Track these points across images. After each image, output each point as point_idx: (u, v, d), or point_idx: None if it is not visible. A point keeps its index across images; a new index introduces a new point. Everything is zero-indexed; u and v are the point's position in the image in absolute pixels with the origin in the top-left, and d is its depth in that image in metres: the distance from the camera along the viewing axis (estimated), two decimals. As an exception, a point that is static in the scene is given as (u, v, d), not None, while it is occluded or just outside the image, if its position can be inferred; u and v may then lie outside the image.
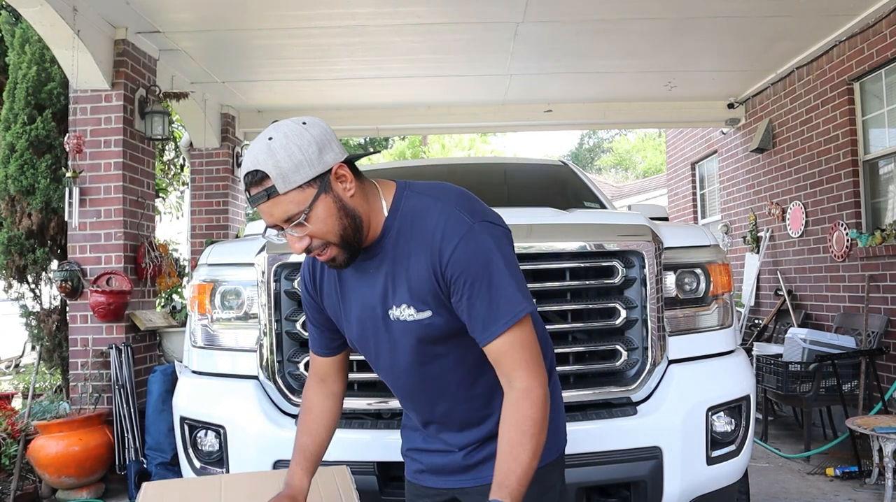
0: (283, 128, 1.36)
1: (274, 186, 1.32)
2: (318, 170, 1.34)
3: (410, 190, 1.48)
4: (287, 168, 1.32)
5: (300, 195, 1.34)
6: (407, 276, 1.43)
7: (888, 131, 5.19)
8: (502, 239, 1.42)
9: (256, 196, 1.35)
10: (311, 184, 1.34)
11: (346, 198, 1.39)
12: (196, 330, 2.48)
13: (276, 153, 1.32)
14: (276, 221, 1.37)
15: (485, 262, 1.37)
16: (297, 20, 4.81)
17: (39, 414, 4.37)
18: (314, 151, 1.34)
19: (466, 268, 1.36)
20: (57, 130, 4.81)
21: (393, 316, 1.46)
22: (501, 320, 1.37)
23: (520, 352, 1.38)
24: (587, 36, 5.25)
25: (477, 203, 1.46)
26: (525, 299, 1.39)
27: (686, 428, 2.22)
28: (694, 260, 2.44)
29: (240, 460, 2.26)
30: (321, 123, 1.39)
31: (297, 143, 1.33)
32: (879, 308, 4.98)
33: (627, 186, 21.15)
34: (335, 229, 1.38)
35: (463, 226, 1.38)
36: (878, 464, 3.88)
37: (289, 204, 1.34)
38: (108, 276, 4.59)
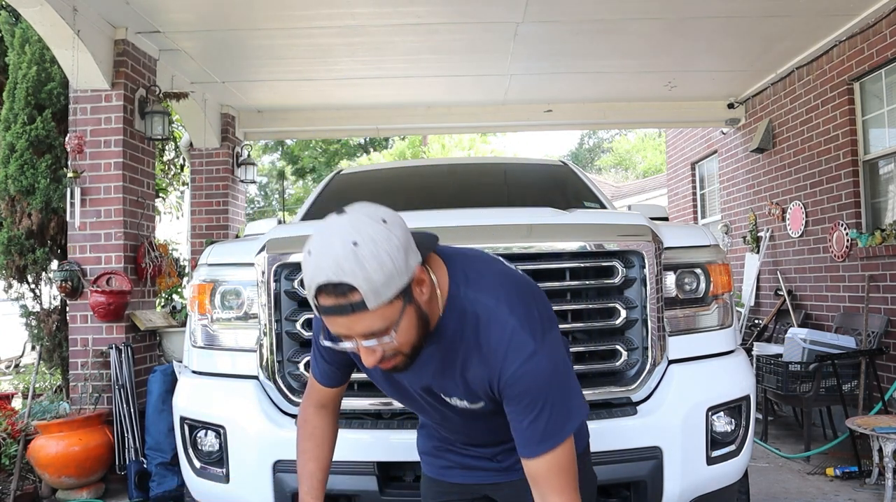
0: (366, 229, 1.20)
1: (363, 301, 1.18)
2: (406, 281, 1.22)
3: (466, 283, 1.38)
4: (379, 282, 1.18)
5: (388, 310, 1.21)
6: (463, 377, 1.40)
7: (888, 131, 5.19)
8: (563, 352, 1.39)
9: (336, 308, 1.20)
10: (398, 297, 1.22)
11: (423, 304, 1.29)
12: (196, 330, 2.48)
13: (366, 263, 1.17)
14: (354, 335, 1.24)
15: (541, 388, 1.34)
16: (297, 20, 4.82)
17: (39, 414, 4.37)
18: (402, 258, 1.21)
19: (523, 391, 1.34)
20: (57, 130, 4.81)
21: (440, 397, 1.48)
22: (544, 444, 1.35)
23: (556, 476, 1.36)
24: (587, 36, 5.25)
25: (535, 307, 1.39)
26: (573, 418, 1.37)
27: (686, 428, 2.22)
28: (694, 260, 2.44)
29: (240, 460, 2.26)
30: (399, 219, 1.27)
31: (386, 251, 1.19)
32: (879, 308, 4.98)
33: (627, 186, 21.15)
34: (412, 340, 1.30)
35: (526, 350, 1.33)
36: (878, 464, 3.88)
37: (375, 320, 1.21)
38: (108, 276, 4.59)
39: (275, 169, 26.92)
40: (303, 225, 2.70)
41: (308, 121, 7.36)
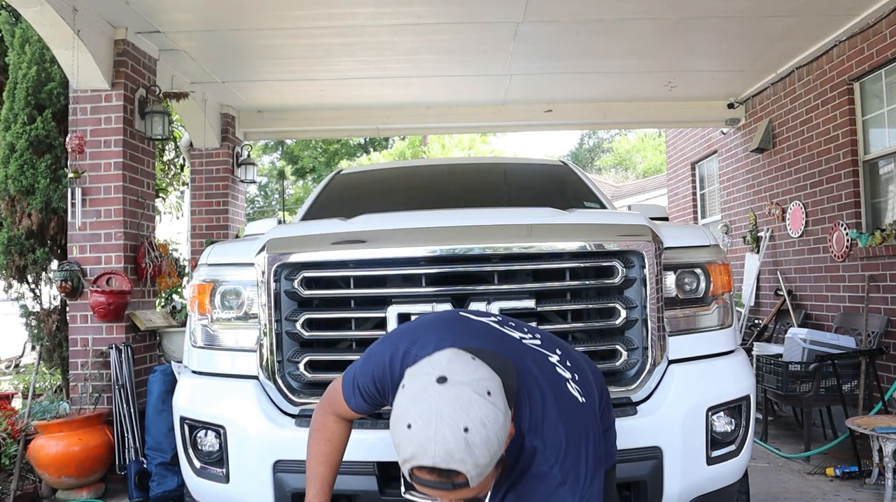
0: (476, 411, 1.19)
1: (467, 482, 1.21)
2: (503, 450, 1.25)
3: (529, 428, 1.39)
4: (485, 464, 1.20)
5: (486, 480, 1.25)
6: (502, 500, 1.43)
7: (888, 131, 5.19)
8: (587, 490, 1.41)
9: (436, 484, 1.21)
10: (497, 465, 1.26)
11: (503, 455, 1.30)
12: (196, 330, 2.48)
13: (477, 450, 1.18)
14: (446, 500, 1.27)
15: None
16: (297, 20, 4.82)
17: (39, 414, 4.37)
18: (505, 433, 1.23)
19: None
20: (57, 130, 4.81)
21: None
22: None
23: None
24: (587, 36, 5.25)
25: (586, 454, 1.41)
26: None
27: (686, 428, 2.22)
28: (694, 260, 2.44)
29: (240, 460, 2.26)
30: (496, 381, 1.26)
31: (496, 433, 1.20)
32: (879, 308, 4.98)
33: (627, 186, 21.15)
34: (487, 490, 1.32)
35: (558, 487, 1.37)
36: (878, 464, 3.88)
37: (473, 491, 1.25)
38: (108, 276, 4.59)
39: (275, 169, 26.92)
40: (303, 225, 2.70)
41: (308, 121, 7.36)
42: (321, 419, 1.71)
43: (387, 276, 2.25)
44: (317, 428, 1.70)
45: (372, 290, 2.25)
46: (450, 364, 1.27)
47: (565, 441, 1.40)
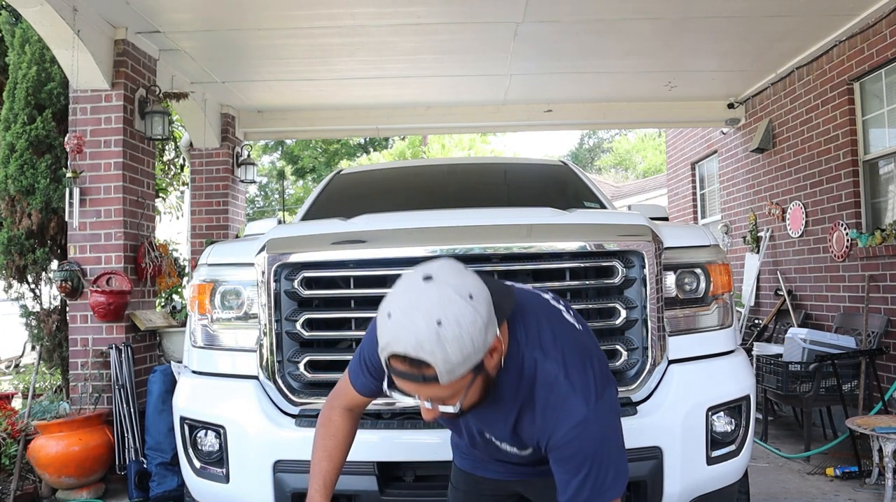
0: (453, 310, 1.21)
1: (436, 377, 1.22)
2: (481, 356, 1.26)
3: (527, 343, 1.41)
4: (456, 362, 1.21)
5: (459, 383, 1.26)
6: (514, 429, 1.44)
7: (888, 131, 5.19)
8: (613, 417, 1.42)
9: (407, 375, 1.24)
10: (472, 371, 1.27)
11: (492, 369, 1.33)
12: (196, 330, 2.48)
13: (447, 344, 1.20)
14: (420, 398, 1.30)
15: (588, 453, 1.37)
16: (297, 20, 4.82)
17: (39, 414, 4.37)
18: (482, 338, 1.24)
19: (571, 454, 1.37)
20: (57, 130, 4.81)
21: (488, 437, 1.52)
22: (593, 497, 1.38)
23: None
24: (587, 36, 5.25)
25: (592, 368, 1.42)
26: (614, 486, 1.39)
27: (686, 428, 2.22)
28: (694, 260, 2.44)
29: (239, 460, 2.26)
30: (484, 289, 1.28)
31: (469, 333, 1.21)
32: (879, 308, 4.98)
33: (627, 186, 21.15)
34: (472, 402, 1.35)
35: (577, 416, 1.36)
36: (878, 464, 3.88)
37: (444, 391, 1.26)
38: (108, 276, 4.59)
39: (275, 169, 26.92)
40: (303, 225, 2.70)
41: (308, 121, 7.36)
42: (327, 413, 1.70)
43: (387, 276, 2.24)
44: (322, 424, 1.69)
45: (372, 290, 2.25)
46: (440, 267, 1.30)
47: (566, 352, 1.42)
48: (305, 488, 2.16)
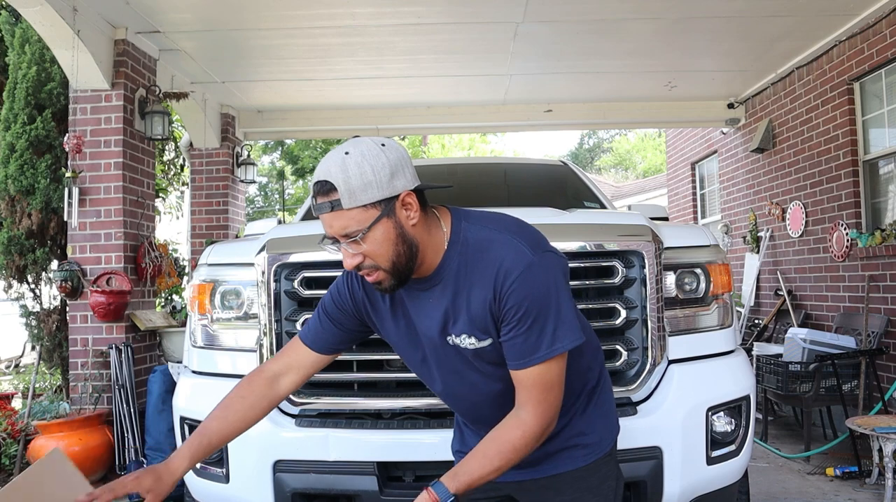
0: (360, 145, 1.37)
1: (339, 200, 1.34)
2: (385, 194, 1.36)
3: (468, 220, 1.49)
4: (356, 185, 1.33)
5: (363, 214, 1.35)
6: (468, 306, 1.44)
7: (888, 131, 5.19)
8: (560, 272, 1.44)
9: (320, 205, 1.37)
10: (375, 206, 1.36)
11: (407, 226, 1.40)
12: (196, 330, 2.48)
13: (349, 169, 1.34)
14: (334, 233, 1.39)
15: (539, 297, 1.39)
16: (297, 20, 4.82)
17: (39, 414, 4.37)
18: (386, 175, 1.35)
19: (522, 299, 1.38)
20: (57, 130, 4.81)
21: (452, 341, 1.49)
22: (538, 354, 1.40)
23: (539, 390, 1.42)
24: (587, 36, 5.25)
25: (535, 233, 1.47)
26: (569, 336, 1.41)
27: (686, 428, 2.22)
28: (694, 260, 2.44)
29: (240, 460, 2.26)
30: (400, 149, 1.41)
31: (371, 164, 1.34)
32: (879, 308, 4.98)
33: (627, 186, 21.15)
34: (388, 254, 1.39)
35: (525, 259, 1.40)
36: (878, 464, 3.88)
37: (349, 220, 1.36)
38: (108, 276, 4.59)
39: (275, 169, 26.91)
40: (303, 225, 2.70)
41: (308, 121, 7.36)
42: (254, 373, 1.63)
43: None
44: (243, 380, 1.63)
45: (372, 290, 2.25)
46: None
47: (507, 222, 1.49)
48: (305, 488, 2.18)
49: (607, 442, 1.62)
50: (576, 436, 1.58)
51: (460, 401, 1.63)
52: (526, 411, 1.43)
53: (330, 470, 2.17)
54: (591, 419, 1.61)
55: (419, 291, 1.49)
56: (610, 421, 1.66)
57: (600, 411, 1.63)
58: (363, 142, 1.39)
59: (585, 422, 1.59)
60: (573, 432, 1.58)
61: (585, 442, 1.59)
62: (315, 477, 2.18)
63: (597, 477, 1.60)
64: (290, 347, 1.67)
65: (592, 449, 1.59)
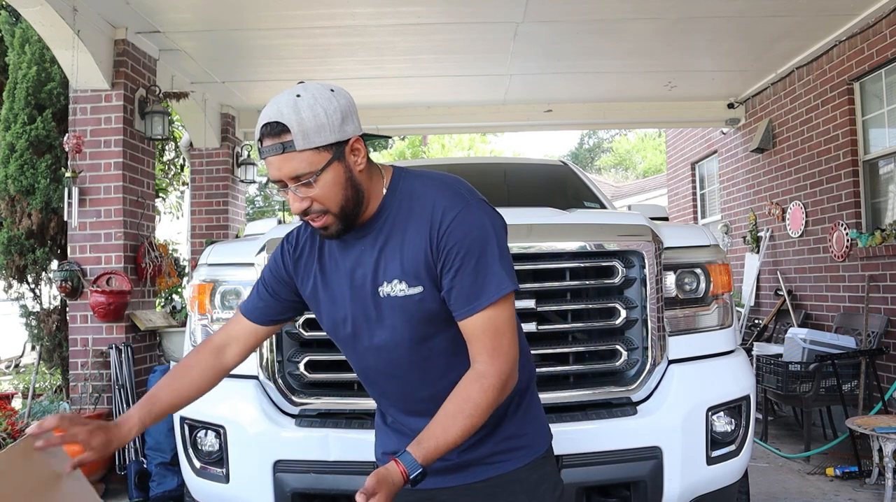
0: (311, 89, 1.37)
1: (292, 141, 1.33)
2: (337, 137, 1.36)
3: (408, 173, 1.50)
4: (310, 127, 1.33)
5: (314, 156, 1.35)
6: (401, 251, 1.43)
7: (888, 131, 5.19)
8: (497, 221, 1.45)
9: (270, 147, 1.35)
10: (327, 149, 1.35)
11: (356, 171, 1.41)
12: (196, 330, 2.48)
13: (302, 111, 1.33)
14: (283, 177, 1.37)
15: (479, 237, 1.39)
16: (297, 20, 4.82)
17: (39, 414, 4.37)
18: (338, 118, 1.36)
19: (462, 238, 1.38)
20: (57, 130, 4.81)
21: (383, 292, 1.45)
22: (484, 296, 1.38)
23: (490, 337, 1.39)
24: (587, 36, 5.25)
25: (467, 185, 1.49)
26: (511, 279, 1.40)
27: (686, 428, 2.22)
28: (694, 260, 2.44)
29: (240, 460, 2.26)
30: (347, 95, 1.41)
31: (323, 107, 1.34)
32: (879, 308, 4.98)
33: (627, 186, 21.14)
34: (338, 198, 1.39)
35: (462, 201, 1.41)
36: (878, 464, 3.88)
37: (301, 162, 1.34)
38: (108, 276, 4.59)
39: (275, 169, 26.81)
40: (303, 225, 2.70)
41: (308, 121, 7.35)
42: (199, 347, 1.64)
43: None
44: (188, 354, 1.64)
45: (372, 290, 2.25)
46: None
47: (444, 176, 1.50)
48: (305, 488, 2.18)
49: (541, 444, 1.57)
50: (507, 440, 1.53)
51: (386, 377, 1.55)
52: (481, 362, 1.39)
53: (330, 470, 2.17)
54: (522, 422, 1.55)
55: (354, 240, 1.48)
56: (542, 425, 1.61)
57: (531, 415, 1.58)
58: (314, 85, 1.38)
59: (517, 425, 1.54)
60: (504, 435, 1.53)
61: (518, 445, 1.54)
62: (315, 477, 2.18)
63: (533, 479, 1.53)
64: (232, 320, 1.67)
65: (526, 452, 1.54)
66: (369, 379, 1.60)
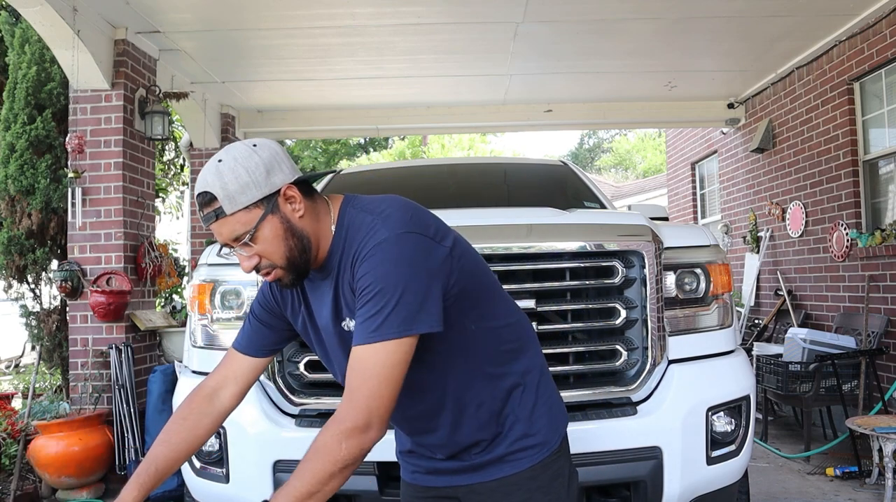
0: (232, 151, 1.39)
1: (221, 207, 1.35)
2: (264, 192, 1.37)
3: (353, 205, 1.47)
4: (234, 190, 1.35)
5: (246, 216, 1.36)
6: (345, 290, 1.43)
7: (888, 131, 5.19)
8: (418, 252, 1.36)
9: (206, 216, 1.38)
10: (257, 205, 1.36)
11: (294, 220, 1.40)
12: (196, 330, 2.48)
13: (224, 175, 1.35)
14: (226, 240, 1.40)
15: (384, 273, 1.32)
16: (297, 20, 4.82)
17: (39, 414, 4.37)
18: (261, 173, 1.36)
19: (369, 270, 1.34)
20: (57, 130, 4.81)
21: (347, 327, 1.46)
22: (367, 333, 1.32)
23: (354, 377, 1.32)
24: (587, 36, 5.25)
25: (409, 213, 1.41)
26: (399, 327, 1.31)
27: (686, 428, 2.22)
28: (694, 260, 2.44)
29: (239, 460, 2.26)
30: (272, 145, 1.42)
31: (244, 166, 1.36)
32: (879, 308, 4.98)
33: (627, 186, 21.14)
34: (280, 250, 1.39)
35: (378, 237, 1.36)
36: (878, 464, 3.88)
37: (235, 224, 1.36)
38: (108, 276, 4.59)
39: (275, 169, 26.81)
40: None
41: (308, 121, 7.36)
42: (193, 392, 1.61)
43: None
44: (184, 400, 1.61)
45: (372, 290, 2.25)
46: None
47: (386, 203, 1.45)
48: (305, 488, 2.18)
49: (554, 440, 1.55)
50: (520, 439, 1.51)
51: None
52: (341, 403, 1.32)
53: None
54: (532, 420, 1.53)
55: (319, 281, 1.49)
56: (554, 417, 1.57)
57: (541, 410, 1.55)
58: (234, 146, 1.40)
59: (527, 425, 1.52)
60: (516, 436, 1.51)
61: (531, 444, 1.52)
62: (315, 477, 2.17)
63: (547, 475, 1.53)
64: (224, 360, 1.64)
65: (539, 450, 1.53)
66: None
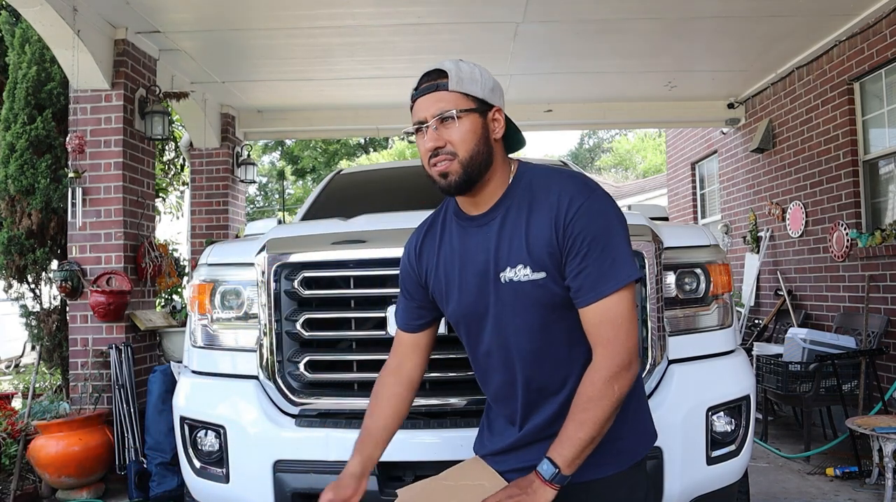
0: (471, 61, 1.56)
1: (446, 83, 1.48)
2: (485, 96, 1.50)
3: (533, 166, 1.59)
4: (465, 76, 1.49)
5: (461, 99, 1.48)
6: (526, 236, 1.46)
7: (888, 131, 5.19)
8: (620, 213, 1.48)
9: (426, 87, 1.51)
10: (474, 100, 1.49)
11: (491, 135, 1.52)
12: (196, 330, 2.48)
13: (462, 66, 1.51)
14: (428, 115, 1.49)
15: (606, 225, 1.42)
16: (297, 20, 4.82)
17: (39, 414, 4.37)
18: (490, 84, 1.53)
19: (588, 225, 1.41)
20: (57, 130, 4.81)
21: (505, 278, 1.48)
22: (611, 282, 1.40)
23: (608, 327, 1.40)
24: (587, 36, 5.25)
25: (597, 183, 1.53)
26: (636, 268, 1.44)
27: (686, 428, 2.21)
28: (694, 260, 2.43)
29: (240, 460, 2.26)
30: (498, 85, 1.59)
31: (480, 70, 1.53)
32: (879, 308, 4.98)
33: (627, 186, 21.14)
34: (469, 146, 1.47)
35: (587, 190, 1.46)
36: (878, 464, 3.88)
37: (449, 102, 1.47)
38: (108, 276, 4.59)
39: (275, 169, 26.92)
40: (303, 225, 2.70)
41: (308, 121, 7.36)
42: (378, 378, 1.73)
43: (387, 276, 2.25)
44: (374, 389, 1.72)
45: (372, 290, 2.25)
46: None
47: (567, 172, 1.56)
48: (305, 488, 2.18)
49: (642, 449, 1.55)
50: (610, 441, 1.45)
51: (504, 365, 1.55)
52: (596, 354, 1.41)
53: (330, 470, 2.17)
54: (629, 422, 1.52)
55: (478, 227, 1.53)
56: (647, 427, 1.58)
57: (638, 417, 1.56)
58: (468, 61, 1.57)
59: (621, 425, 1.47)
60: (609, 435, 1.44)
61: (620, 448, 1.50)
62: (315, 477, 2.18)
63: (626, 488, 1.51)
64: (395, 342, 1.74)
65: (627, 456, 1.51)
66: (487, 372, 1.62)
